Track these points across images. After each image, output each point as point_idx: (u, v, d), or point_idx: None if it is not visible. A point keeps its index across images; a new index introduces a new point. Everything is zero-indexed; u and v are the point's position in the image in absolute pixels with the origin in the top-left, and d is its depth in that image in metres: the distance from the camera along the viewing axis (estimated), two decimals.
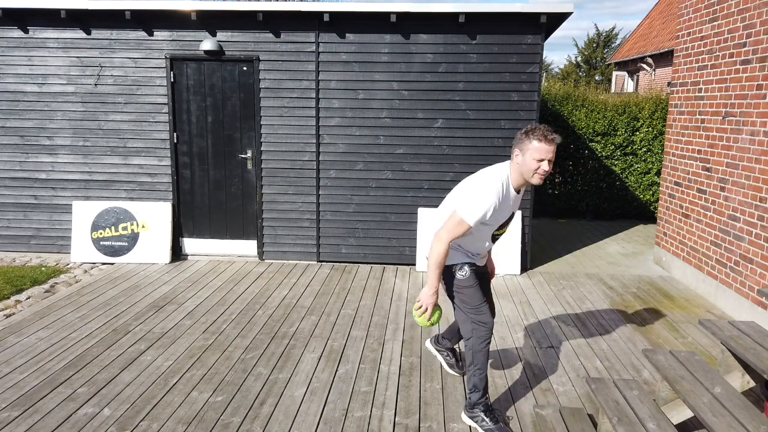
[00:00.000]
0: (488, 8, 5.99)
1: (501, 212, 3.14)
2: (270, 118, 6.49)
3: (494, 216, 3.10)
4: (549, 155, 3.00)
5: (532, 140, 3.00)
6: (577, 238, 8.25)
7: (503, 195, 3.10)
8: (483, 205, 3.03)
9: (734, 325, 3.44)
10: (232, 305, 5.29)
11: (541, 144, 2.98)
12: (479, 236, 3.22)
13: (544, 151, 2.98)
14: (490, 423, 3.25)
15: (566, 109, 9.17)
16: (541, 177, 3.04)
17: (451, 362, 3.93)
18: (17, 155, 6.73)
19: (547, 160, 3.00)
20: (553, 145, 3.00)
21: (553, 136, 3.00)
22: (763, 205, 4.80)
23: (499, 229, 3.25)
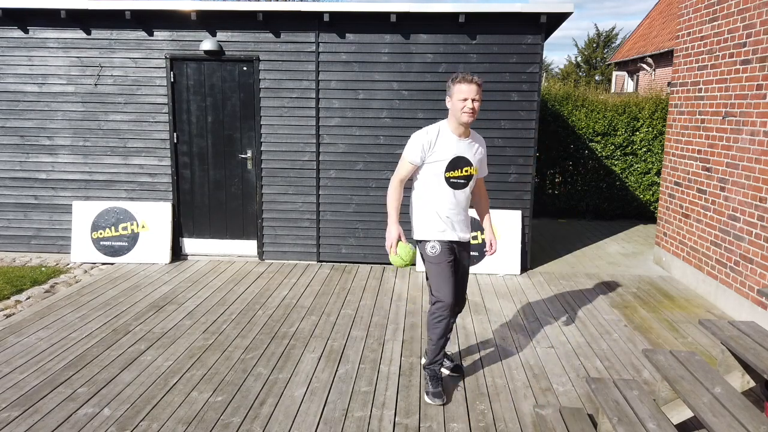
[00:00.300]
0: (488, 8, 5.99)
1: (440, 152, 3.52)
2: (270, 118, 6.49)
3: (433, 155, 3.52)
4: (471, 94, 3.41)
5: (455, 84, 3.46)
6: (577, 238, 8.25)
7: (436, 137, 3.52)
8: (414, 143, 3.53)
9: (734, 325, 3.44)
10: (232, 305, 5.29)
11: (462, 84, 3.42)
12: (435, 183, 3.56)
13: (466, 91, 3.41)
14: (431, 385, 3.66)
15: (566, 109, 9.17)
16: (469, 115, 3.42)
17: (450, 366, 4.00)
18: (17, 155, 6.73)
19: (471, 98, 3.41)
20: (473, 84, 3.41)
21: (473, 77, 3.44)
22: (763, 205, 4.80)
23: (451, 171, 3.54)
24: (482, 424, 3.39)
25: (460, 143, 3.56)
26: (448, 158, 3.52)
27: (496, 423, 3.41)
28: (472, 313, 5.20)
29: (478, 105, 3.44)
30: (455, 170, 3.55)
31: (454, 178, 3.56)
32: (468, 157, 3.58)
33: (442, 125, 3.57)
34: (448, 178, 3.55)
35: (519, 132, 6.36)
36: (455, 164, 3.54)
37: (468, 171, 3.60)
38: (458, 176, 3.57)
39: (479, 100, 3.45)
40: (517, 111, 6.33)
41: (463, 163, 3.56)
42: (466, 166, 3.57)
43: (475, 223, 6.40)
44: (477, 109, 3.44)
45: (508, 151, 6.40)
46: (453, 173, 3.55)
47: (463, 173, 3.58)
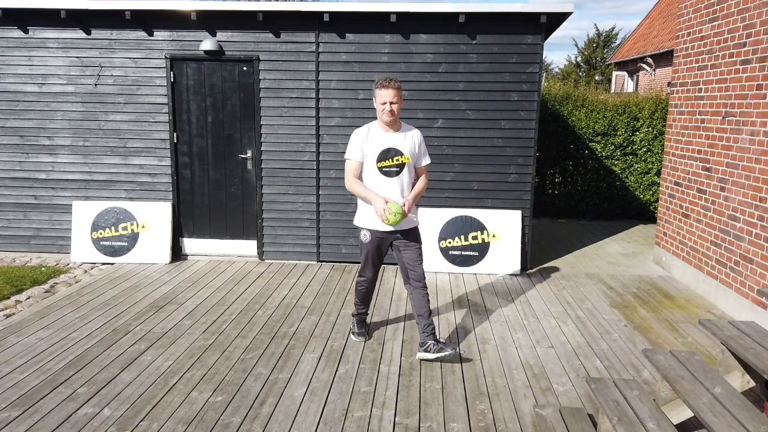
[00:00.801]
0: (488, 8, 5.99)
1: (372, 147, 4.03)
2: (270, 118, 6.49)
3: (367, 149, 4.04)
4: (389, 98, 3.94)
5: (376, 88, 3.99)
6: (577, 238, 8.25)
7: (367, 134, 4.06)
8: (351, 144, 4.10)
9: (734, 325, 3.44)
10: (232, 305, 5.29)
11: (381, 90, 3.95)
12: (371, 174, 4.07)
13: (384, 96, 3.94)
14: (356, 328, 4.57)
15: (566, 109, 9.17)
16: (388, 115, 3.96)
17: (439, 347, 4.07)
18: (17, 155, 6.73)
19: (389, 102, 3.94)
20: (390, 89, 3.93)
21: (390, 82, 3.94)
22: (763, 205, 4.80)
23: (382, 161, 4.04)
24: (482, 424, 3.39)
25: (390, 136, 4.07)
26: (378, 150, 4.04)
27: (496, 423, 3.41)
28: (472, 313, 5.20)
29: (397, 107, 3.97)
30: (386, 160, 4.05)
31: (386, 167, 4.05)
32: (398, 147, 4.05)
33: (372, 123, 4.13)
34: (380, 168, 4.04)
35: (519, 132, 6.36)
36: (385, 155, 4.04)
37: (399, 160, 4.06)
38: (390, 165, 4.06)
39: (397, 102, 3.96)
40: (517, 111, 6.33)
41: (393, 153, 4.05)
42: (396, 156, 4.05)
43: (476, 223, 6.40)
44: (396, 110, 3.97)
45: (508, 151, 6.40)
46: (384, 163, 4.04)
47: (394, 162, 4.06)
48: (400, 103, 3.99)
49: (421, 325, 4.14)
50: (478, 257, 6.41)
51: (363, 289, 4.41)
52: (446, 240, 6.42)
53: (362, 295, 4.44)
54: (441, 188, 6.49)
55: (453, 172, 6.46)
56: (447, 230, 6.42)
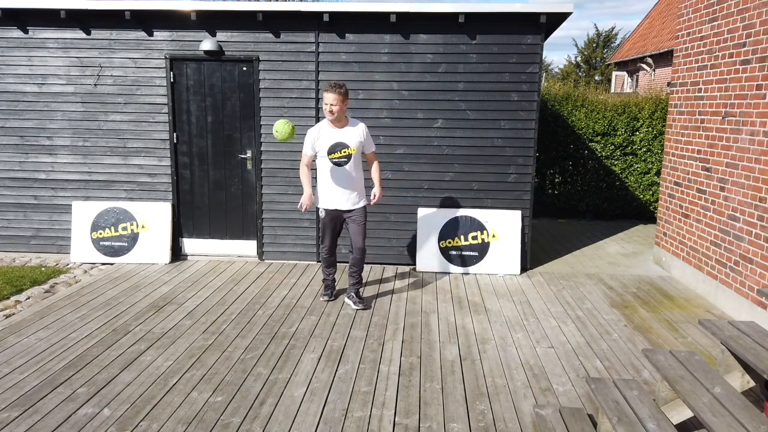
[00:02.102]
0: (488, 8, 5.99)
1: (322, 143, 4.89)
2: (270, 118, 6.49)
3: (318, 146, 4.91)
4: (331, 101, 4.70)
5: (323, 91, 4.78)
6: (577, 238, 8.25)
7: (318, 132, 4.91)
8: (306, 140, 4.96)
9: (734, 325, 3.44)
10: (232, 305, 5.29)
11: (325, 93, 4.73)
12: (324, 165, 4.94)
13: (326, 98, 4.73)
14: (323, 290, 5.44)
15: (566, 109, 9.18)
16: (330, 115, 4.78)
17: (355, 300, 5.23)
18: (17, 155, 6.73)
19: (329, 104, 4.71)
20: (332, 93, 4.68)
21: (334, 87, 4.68)
22: (762, 205, 4.80)
23: (331, 154, 4.88)
24: (482, 424, 3.40)
25: (337, 132, 4.89)
26: (328, 145, 4.87)
27: (496, 423, 3.41)
28: (472, 313, 5.20)
29: (337, 108, 4.73)
30: (335, 152, 4.88)
31: (335, 159, 4.90)
32: (344, 141, 4.89)
33: (323, 122, 4.95)
34: (331, 159, 4.90)
35: (519, 132, 6.36)
36: (334, 148, 4.88)
37: (346, 152, 4.90)
38: (339, 156, 4.89)
39: (337, 105, 4.71)
40: (516, 111, 6.33)
41: (341, 146, 4.89)
42: (343, 149, 4.89)
43: (476, 223, 6.41)
44: (335, 111, 4.73)
45: (508, 151, 6.40)
46: (334, 155, 4.89)
47: (342, 154, 4.89)
48: (341, 106, 4.73)
49: (351, 280, 5.26)
50: (478, 257, 6.41)
51: (325, 257, 5.30)
52: (446, 240, 6.42)
53: (326, 262, 5.32)
54: (441, 188, 6.49)
55: (453, 172, 6.46)
56: (447, 230, 6.42)
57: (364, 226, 5.14)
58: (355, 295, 5.25)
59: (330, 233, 5.18)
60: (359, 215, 5.09)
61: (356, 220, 5.08)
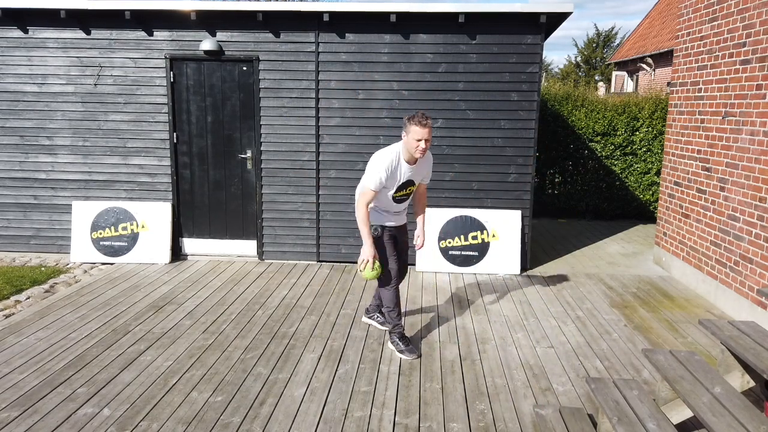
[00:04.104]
0: (488, 8, 5.99)
1: (393, 179, 4.12)
2: (270, 118, 6.49)
3: (389, 181, 4.10)
4: (425, 136, 3.97)
5: (412, 125, 3.98)
6: (577, 238, 8.25)
7: (394, 166, 4.09)
8: (376, 176, 4.05)
9: (734, 325, 3.44)
10: (232, 305, 5.29)
11: (418, 128, 3.95)
12: (382, 196, 4.22)
13: (420, 133, 3.95)
14: (402, 345, 4.31)
15: (566, 109, 9.17)
16: (421, 152, 4.02)
17: (382, 320, 4.73)
18: (17, 155, 6.73)
19: (424, 140, 3.98)
20: (427, 128, 3.96)
21: (427, 121, 3.96)
22: (762, 205, 4.80)
23: (398, 191, 4.21)
24: (482, 424, 3.39)
25: (410, 170, 4.18)
26: (399, 183, 4.18)
27: (495, 423, 3.41)
28: (472, 313, 5.20)
29: (429, 144, 4.03)
30: (402, 191, 4.24)
31: (399, 197, 4.27)
32: (414, 179, 4.26)
33: (395, 155, 4.10)
34: (395, 197, 4.24)
35: (519, 132, 6.36)
36: (402, 186, 4.22)
37: (410, 190, 4.31)
38: (402, 195, 4.28)
39: (430, 140, 4.03)
40: (516, 111, 6.33)
41: (409, 184, 4.26)
42: (410, 186, 4.28)
43: (476, 223, 6.40)
44: (427, 147, 4.03)
45: (508, 151, 6.40)
46: (399, 193, 4.24)
47: (406, 192, 4.29)
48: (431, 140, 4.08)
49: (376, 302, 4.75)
50: (478, 257, 6.41)
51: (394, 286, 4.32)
52: (446, 240, 6.42)
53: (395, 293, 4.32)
54: (441, 188, 6.49)
55: (453, 172, 6.46)
56: (447, 230, 6.42)
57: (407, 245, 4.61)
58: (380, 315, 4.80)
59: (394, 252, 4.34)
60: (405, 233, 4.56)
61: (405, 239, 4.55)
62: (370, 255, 4.10)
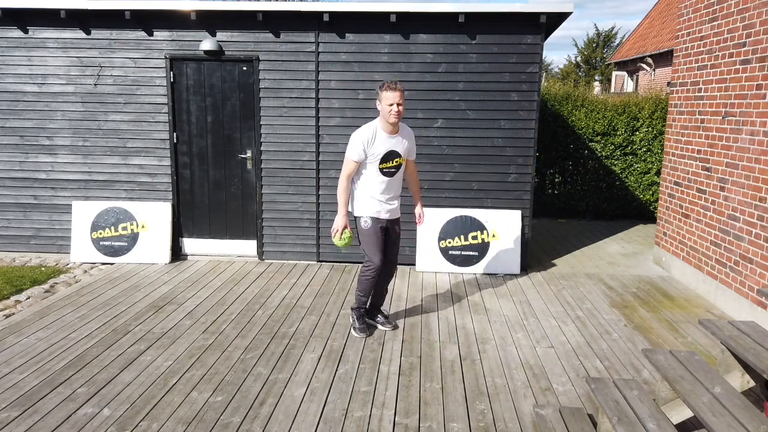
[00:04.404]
0: (488, 8, 5.99)
1: (375, 148, 4.26)
2: (270, 118, 6.49)
3: (371, 151, 4.26)
4: (396, 99, 4.14)
5: (383, 91, 4.17)
6: (577, 238, 8.25)
7: (371, 136, 4.24)
8: (354, 146, 4.24)
9: (734, 325, 3.44)
10: (232, 305, 5.29)
11: (389, 92, 4.14)
12: (370, 172, 4.34)
13: (391, 97, 4.14)
14: (358, 323, 4.65)
15: (566, 109, 9.18)
16: (395, 116, 4.17)
17: (382, 321, 4.77)
18: (17, 155, 6.73)
19: (396, 104, 4.14)
20: (398, 92, 4.15)
21: (397, 85, 4.16)
22: (762, 205, 4.80)
23: (383, 162, 4.31)
24: (482, 424, 3.39)
25: (392, 140, 4.33)
26: (381, 153, 4.30)
27: (495, 423, 3.41)
28: (472, 313, 5.20)
29: (403, 108, 4.20)
30: (388, 162, 4.34)
31: (386, 168, 4.36)
32: (398, 150, 4.37)
33: (372, 126, 4.29)
34: (382, 169, 4.34)
35: (519, 132, 6.36)
36: (387, 157, 4.33)
37: (398, 162, 4.40)
38: (390, 167, 4.37)
39: (402, 104, 4.19)
40: (516, 111, 6.33)
41: (394, 155, 4.36)
42: (396, 158, 4.38)
43: (476, 223, 6.40)
44: (402, 111, 4.20)
45: (508, 151, 6.40)
46: (386, 165, 4.34)
47: (394, 164, 4.38)
48: (404, 104, 4.23)
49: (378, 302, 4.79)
50: (478, 257, 6.41)
51: (372, 278, 4.49)
52: (446, 240, 6.42)
53: (371, 285, 4.54)
54: (441, 188, 6.49)
55: (453, 172, 6.46)
56: (447, 230, 6.42)
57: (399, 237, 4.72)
58: (381, 315, 4.83)
59: (379, 244, 4.46)
60: (398, 226, 4.67)
61: (396, 231, 4.63)
62: (340, 225, 4.32)
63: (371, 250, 4.44)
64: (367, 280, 4.51)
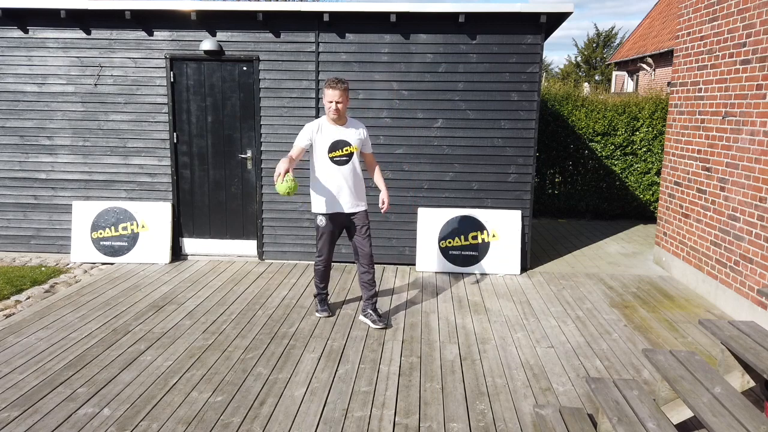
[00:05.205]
0: (488, 8, 5.99)
1: (322, 140, 4.54)
2: (270, 118, 6.49)
3: (317, 143, 4.55)
4: (334, 98, 4.39)
5: (324, 89, 4.42)
6: (577, 238, 8.25)
7: (316, 128, 4.54)
8: (301, 133, 4.56)
9: (734, 325, 3.44)
10: (232, 305, 5.29)
11: (328, 90, 4.39)
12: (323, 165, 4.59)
13: (330, 95, 4.40)
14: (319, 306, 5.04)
15: (566, 109, 9.18)
16: (334, 113, 4.45)
17: (374, 318, 4.82)
18: (17, 155, 6.73)
19: (335, 101, 4.40)
20: (337, 90, 4.37)
21: (336, 84, 4.37)
22: (762, 205, 4.80)
23: (332, 151, 4.56)
24: (482, 424, 3.39)
25: (338, 130, 4.57)
26: (328, 142, 4.55)
27: (495, 423, 3.41)
28: (472, 312, 5.20)
29: (342, 105, 4.43)
30: (336, 150, 4.57)
31: (336, 157, 4.58)
32: (346, 139, 4.58)
33: (320, 120, 4.61)
34: (332, 158, 4.57)
35: (519, 132, 6.36)
36: (335, 146, 4.56)
37: (348, 150, 4.60)
38: (340, 155, 4.58)
39: (342, 101, 4.42)
40: (517, 111, 6.33)
41: (342, 144, 4.58)
42: (345, 146, 4.58)
43: (476, 223, 6.41)
44: (341, 108, 4.44)
45: (508, 151, 6.40)
46: (335, 153, 4.57)
47: (344, 152, 4.59)
48: (345, 102, 4.45)
49: (366, 295, 4.88)
50: (478, 257, 6.41)
51: (321, 269, 4.88)
52: (446, 240, 6.42)
53: (321, 275, 4.91)
54: (441, 188, 6.49)
55: (453, 172, 6.46)
56: (447, 230, 6.42)
57: (369, 230, 4.80)
58: (373, 312, 4.83)
59: (330, 242, 4.76)
60: (362, 219, 4.75)
61: (360, 225, 4.74)
62: (281, 168, 4.26)
63: (321, 245, 4.79)
64: (317, 270, 4.90)
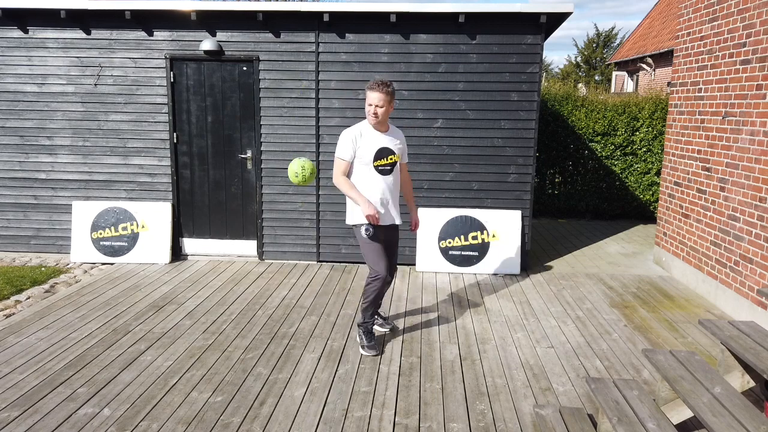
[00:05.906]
0: (488, 8, 5.99)
1: (365, 147, 4.14)
2: (270, 118, 6.49)
3: (361, 151, 4.15)
4: (374, 101, 4.04)
5: (366, 89, 4.10)
6: (577, 238, 8.25)
7: (358, 134, 4.15)
8: (343, 144, 4.15)
9: (734, 325, 3.44)
10: (232, 305, 5.29)
11: (369, 92, 4.07)
12: (366, 174, 4.19)
13: (371, 98, 4.05)
14: (366, 341, 4.34)
15: (566, 109, 9.18)
16: (372, 118, 4.10)
17: (381, 322, 4.72)
18: (17, 155, 6.73)
19: (374, 105, 4.04)
20: (376, 93, 4.02)
21: (377, 87, 4.03)
22: (762, 205, 4.80)
23: (378, 160, 4.17)
24: (482, 424, 3.40)
25: (382, 137, 4.21)
26: (374, 150, 4.16)
27: (495, 423, 3.41)
28: (472, 313, 5.20)
29: (382, 111, 4.07)
30: (381, 159, 4.20)
31: (381, 166, 4.21)
32: (390, 147, 4.23)
33: (360, 125, 4.21)
34: (377, 167, 4.20)
35: (519, 132, 6.36)
36: (381, 154, 4.19)
37: (392, 159, 4.24)
38: (385, 164, 4.22)
39: (383, 107, 4.06)
40: (517, 111, 6.33)
41: (387, 152, 4.22)
42: (390, 155, 4.23)
43: (476, 223, 6.41)
44: (380, 114, 4.07)
45: (508, 151, 6.40)
46: (380, 162, 4.20)
47: (388, 161, 4.23)
48: (387, 107, 4.08)
49: None
50: (478, 257, 6.41)
51: (379, 290, 4.26)
52: (446, 240, 6.42)
53: (378, 297, 4.31)
54: (441, 188, 6.49)
55: (453, 172, 6.46)
56: (447, 230, 6.42)
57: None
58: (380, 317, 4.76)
59: (383, 254, 4.25)
60: (397, 232, 4.52)
61: (396, 238, 4.50)
62: (372, 210, 4.04)
63: (374, 260, 4.21)
64: (374, 291, 4.26)
